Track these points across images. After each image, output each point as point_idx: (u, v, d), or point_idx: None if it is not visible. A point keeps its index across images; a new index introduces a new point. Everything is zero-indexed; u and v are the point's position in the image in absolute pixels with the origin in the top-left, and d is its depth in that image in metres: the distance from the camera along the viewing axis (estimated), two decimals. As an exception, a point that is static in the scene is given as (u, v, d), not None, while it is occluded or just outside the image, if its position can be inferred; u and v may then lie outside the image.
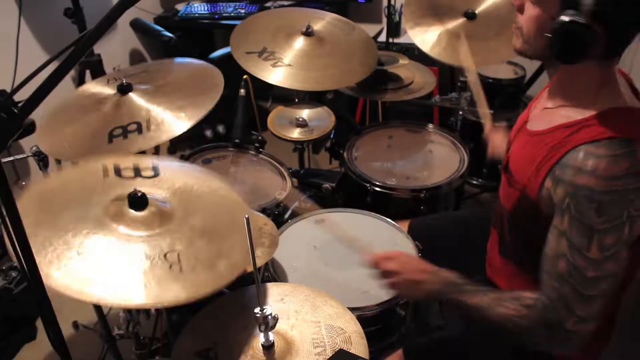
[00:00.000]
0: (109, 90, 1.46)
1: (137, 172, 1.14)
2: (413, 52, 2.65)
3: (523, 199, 1.08)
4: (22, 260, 0.76)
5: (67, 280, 0.87)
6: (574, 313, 0.97)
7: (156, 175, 1.15)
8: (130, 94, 1.39)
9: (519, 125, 1.21)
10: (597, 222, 0.93)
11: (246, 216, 0.88)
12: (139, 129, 1.29)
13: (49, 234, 0.93)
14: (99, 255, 0.93)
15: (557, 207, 0.98)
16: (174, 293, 0.91)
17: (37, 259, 0.84)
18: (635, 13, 0.93)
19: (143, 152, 1.27)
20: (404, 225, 1.61)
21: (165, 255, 0.96)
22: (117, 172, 1.13)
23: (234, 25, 1.85)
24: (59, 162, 1.96)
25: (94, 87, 1.50)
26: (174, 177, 1.17)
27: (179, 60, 1.62)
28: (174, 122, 1.32)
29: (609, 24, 0.92)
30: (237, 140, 1.85)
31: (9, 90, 2.02)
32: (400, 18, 2.89)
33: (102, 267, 0.91)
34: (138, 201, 1.02)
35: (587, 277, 0.95)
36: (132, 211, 1.02)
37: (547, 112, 1.10)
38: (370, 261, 1.22)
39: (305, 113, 1.90)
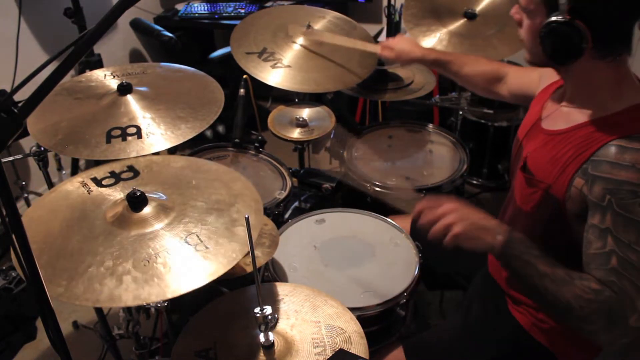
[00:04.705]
0: (107, 86, 1.45)
1: (117, 177, 1.17)
2: (413, 52, 2.65)
3: (547, 199, 1.07)
4: (23, 260, 0.76)
5: (129, 293, 0.90)
6: (636, 308, 0.94)
7: (137, 175, 1.17)
8: (130, 96, 1.38)
9: (529, 124, 1.21)
10: None
11: (246, 216, 0.88)
12: (139, 134, 1.29)
13: (86, 268, 0.94)
14: (135, 263, 0.95)
15: (593, 205, 0.97)
16: (213, 268, 0.94)
17: (97, 293, 0.89)
18: (608, 5, 0.94)
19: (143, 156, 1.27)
20: (406, 221, 1.61)
21: (186, 240, 0.98)
22: (98, 183, 1.15)
23: (234, 25, 1.85)
24: (58, 163, 1.96)
25: (91, 79, 1.49)
26: (156, 170, 1.19)
27: (179, 66, 1.61)
28: (175, 132, 1.32)
29: (587, 19, 0.93)
30: (237, 140, 1.84)
31: (9, 90, 2.02)
32: (400, 18, 2.89)
33: (148, 271, 0.93)
34: (138, 200, 1.02)
35: None
36: (135, 212, 1.02)
37: (564, 111, 1.10)
38: (423, 209, 1.09)
39: (305, 113, 1.90)
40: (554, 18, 0.95)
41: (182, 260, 0.95)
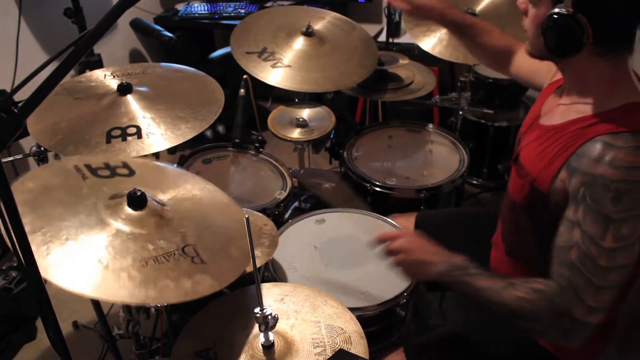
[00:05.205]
0: (107, 86, 1.45)
1: (113, 171, 1.14)
2: (413, 52, 2.65)
3: (533, 191, 1.08)
4: (23, 260, 0.76)
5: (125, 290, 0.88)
6: (583, 302, 0.96)
7: (132, 174, 1.16)
8: (130, 96, 1.38)
9: (530, 121, 1.21)
10: (613, 212, 0.93)
11: (246, 216, 0.88)
12: (139, 134, 1.29)
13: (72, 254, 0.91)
14: (134, 262, 0.93)
15: (571, 198, 0.98)
16: (208, 283, 0.93)
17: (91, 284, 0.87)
18: (611, 2, 0.94)
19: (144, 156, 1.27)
20: (411, 218, 1.61)
21: (183, 249, 0.97)
22: (94, 172, 1.12)
23: (234, 25, 1.85)
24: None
25: (91, 79, 1.49)
26: (151, 176, 1.18)
27: (179, 66, 1.61)
28: (175, 132, 1.31)
29: (590, 13, 0.93)
30: (237, 140, 1.85)
31: (9, 90, 2.02)
32: (400, 18, 2.89)
33: (146, 272, 0.92)
34: (137, 200, 1.02)
35: (599, 266, 0.95)
36: (131, 211, 1.01)
37: (561, 108, 1.11)
38: (378, 238, 1.21)
39: (305, 113, 1.90)
40: (556, 9, 0.95)
41: (180, 270, 0.94)
